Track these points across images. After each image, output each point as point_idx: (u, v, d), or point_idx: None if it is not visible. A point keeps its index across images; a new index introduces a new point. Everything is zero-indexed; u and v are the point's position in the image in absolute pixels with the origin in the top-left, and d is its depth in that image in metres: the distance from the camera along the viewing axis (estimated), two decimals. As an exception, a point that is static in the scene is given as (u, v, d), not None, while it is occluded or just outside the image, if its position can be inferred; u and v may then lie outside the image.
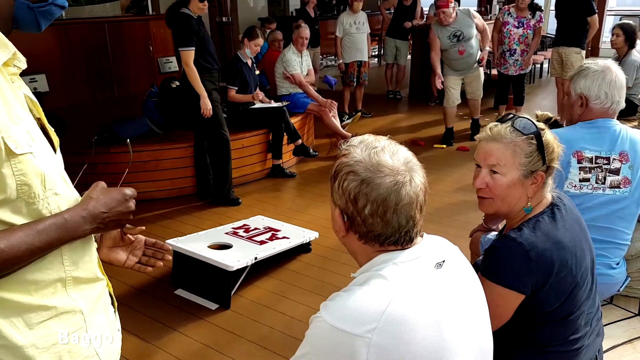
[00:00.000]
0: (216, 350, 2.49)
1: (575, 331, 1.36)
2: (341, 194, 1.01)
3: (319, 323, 0.95)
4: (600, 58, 11.82)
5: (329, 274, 3.15)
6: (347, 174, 1.00)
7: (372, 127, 6.35)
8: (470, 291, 1.08)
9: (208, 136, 4.13)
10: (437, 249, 1.06)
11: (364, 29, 6.53)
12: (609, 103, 2.00)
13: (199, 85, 3.84)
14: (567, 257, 1.29)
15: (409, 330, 0.91)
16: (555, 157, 1.36)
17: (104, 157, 4.23)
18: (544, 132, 1.35)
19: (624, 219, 2.00)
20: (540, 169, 1.33)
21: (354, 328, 0.90)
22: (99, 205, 0.97)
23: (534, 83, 8.82)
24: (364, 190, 0.98)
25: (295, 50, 5.47)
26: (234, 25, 9.28)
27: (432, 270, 1.01)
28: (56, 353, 0.95)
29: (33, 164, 0.89)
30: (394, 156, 1.01)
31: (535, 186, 1.34)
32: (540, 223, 1.30)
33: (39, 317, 0.93)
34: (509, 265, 1.26)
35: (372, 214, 0.98)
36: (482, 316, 1.09)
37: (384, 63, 8.09)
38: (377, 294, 0.94)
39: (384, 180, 0.97)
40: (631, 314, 2.13)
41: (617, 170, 1.98)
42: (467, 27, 5.23)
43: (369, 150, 1.02)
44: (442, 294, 0.99)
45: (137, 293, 2.99)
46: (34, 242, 0.87)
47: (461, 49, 5.28)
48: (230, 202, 4.21)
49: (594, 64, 2.06)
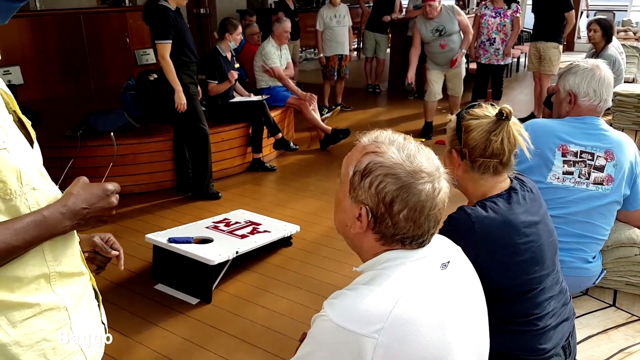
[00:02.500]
0: (197, 344, 2.48)
1: (536, 310, 1.40)
2: (373, 194, 0.99)
3: (325, 322, 0.93)
4: (576, 53, 11.99)
5: (310, 267, 3.16)
6: (385, 175, 0.98)
7: (352, 121, 6.36)
8: (472, 292, 1.09)
9: (186, 130, 4.09)
10: (442, 249, 1.07)
11: (345, 22, 6.52)
12: (597, 100, 2.02)
13: (174, 79, 3.80)
14: (514, 236, 1.35)
15: (414, 331, 0.91)
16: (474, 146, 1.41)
17: (82, 151, 4.15)
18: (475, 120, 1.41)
19: (603, 215, 2.03)
20: (456, 147, 1.45)
21: (361, 328, 0.89)
22: (79, 201, 0.96)
23: (511, 77, 8.94)
24: (403, 195, 0.97)
25: (275, 43, 5.44)
26: (212, 17, 9.18)
27: (438, 271, 1.01)
28: (40, 350, 0.94)
29: (7, 160, 0.88)
30: (429, 160, 1.01)
31: (457, 164, 1.46)
32: (494, 204, 1.39)
33: (22, 314, 0.92)
34: (455, 234, 1.31)
35: (407, 219, 0.98)
36: (482, 317, 1.10)
37: (364, 57, 8.10)
38: (384, 294, 0.93)
39: (424, 187, 0.97)
40: (606, 305, 2.17)
41: (602, 168, 2.01)
42: (449, 23, 5.33)
43: (406, 151, 1.00)
44: (446, 294, 1.00)
45: (116, 288, 2.95)
46: (11, 241, 0.86)
47: (442, 43, 5.38)
48: (210, 196, 4.18)
49: (584, 62, 2.09)
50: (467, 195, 1.52)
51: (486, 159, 1.41)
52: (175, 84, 3.80)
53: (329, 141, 5.36)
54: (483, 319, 1.11)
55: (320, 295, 2.85)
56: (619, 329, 2.02)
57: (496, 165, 1.43)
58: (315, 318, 0.96)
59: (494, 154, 1.40)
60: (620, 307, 2.16)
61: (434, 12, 5.26)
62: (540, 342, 1.40)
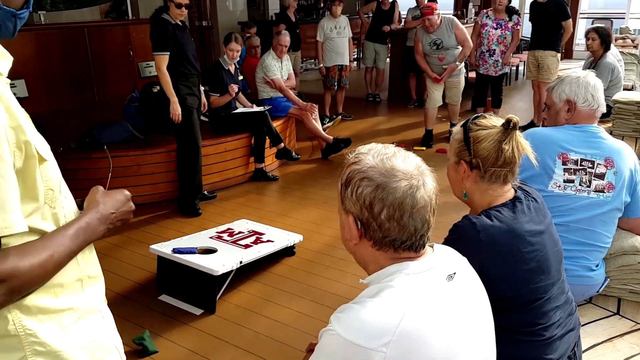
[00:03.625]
0: (202, 355, 2.48)
1: (542, 320, 1.41)
2: (355, 201, 1.01)
3: (332, 337, 0.93)
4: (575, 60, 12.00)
5: (313, 277, 3.17)
6: (361, 180, 1.01)
7: (353, 130, 6.39)
8: (478, 304, 1.09)
9: (178, 141, 4.08)
10: (448, 261, 1.07)
11: (345, 33, 6.57)
12: (595, 105, 2.08)
13: (169, 90, 3.82)
14: (519, 246, 1.36)
15: (422, 344, 0.92)
16: (485, 156, 1.42)
17: (85, 163, 4.18)
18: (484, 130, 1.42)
19: (605, 223, 2.05)
20: (465, 158, 1.44)
21: (369, 342, 0.90)
22: (108, 206, 1.02)
23: (510, 85, 8.98)
24: (379, 195, 0.99)
25: (275, 55, 5.49)
26: (214, 29, 9.25)
27: (444, 282, 1.02)
28: (90, 352, 0.99)
29: (52, 169, 0.94)
30: (406, 161, 1.03)
31: (466, 175, 1.45)
32: (499, 213, 1.39)
33: (70, 318, 0.96)
34: (460, 242, 1.33)
35: (389, 219, 0.99)
36: (488, 329, 1.10)
37: (364, 66, 8.15)
38: (391, 307, 0.93)
39: (399, 184, 0.99)
40: (610, 313, 2.18)
41: (602, 175, 2.03)
42: (446, 38, 5.35)
43: (380, 156, 1.03)
44: (453, 306, 1.00)
45: (121, 299, 2.96)
46: (71, 246, 0.92)
47: (441, 56, 5.42)
48: (192, 211, 4.11)
49: (573, 73, 2.15)
50: (472, 206, 1.53)
51: (497, 169, 1.42)
52: (170, 94, 3.83)
53: (330, 150, 5.39)
54: (489, 331, 1.11)
55: (324, 305, 2.85)
56: (623, 337, 2.02)
57: (506, 174, 1.44)
58: (322, 332, 0.97)
59: (506, 162, 1.42)
60: (625, 315, 2.16)
61: (433, 27, 5.28)
62: (546, 352, 1.40)
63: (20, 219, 0.83)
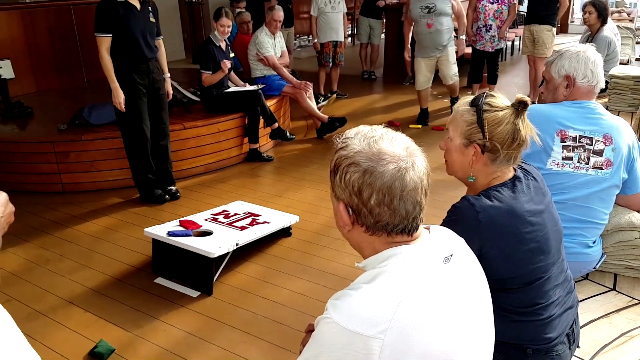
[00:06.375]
0: (199, 337, 2.48)
1: (542, 300, 1.40)
2: (344, 187, 1.00)
3: (329, 324, 0.92)
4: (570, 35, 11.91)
5: (310, 257, 3.16)
6: (348, 166, 0.99)
7: (348, 109, 6.34)
8: (476, 285, 1.08)
9: (122, 132, 3.83)
10: (444, 242, 1.06)
11: (340, 8, 6.45)
12: (594, 81, 2.04)
13: (110, 77, 3.59)
14: (519, 226, 1.34)
15: (419, 328, 0.91)
16: (503, 138, 1.38)
17: (75, 145, 4.12)
18: (500, 112, 1.38)
19: (603, 200, 2.04)
20: (478, 141, 1.39)
21: (366, 330, 0.89)
22: None
23: (505, 61, 8.91)
24: (367, 180, 0.97)
25: (268, 32, 5.39)
26: (204, 5, 9.08)
27: (441, 265, 1.00)
28: None
29: None
30: (394, 143, 1.01)
31: (476, 158, 1.41)
32: (498, 193, 1.37)
33: None
34: (459, 224, 1.32)
35: (379, 204, 0.97)
36: (487, 310, 1.09)
37: (358, 43, 8.05)
38: (388, 293, 0.92)
39: (387, 168, 0.97)
40: (607, 289, 2.19)
41: (601, 152, 2.01)
42: (440, 2, 5.23)
43: (367, 140, 1.00)
44: (450, 289, 0.99)
45: (116, 283, 2.95)
46: None
47: (429, 22, 5.24)
48: (153, 199, 3.93)
49: (573, 47, 2.10)
50: (473, 187, 1.50)
51: (512, 150, 1.39)
52: (110, 80, 3.60)
53: (325, 130, 5.33)
54: (488, 311, 1.10)
55: (321, 285, 2.85)
56: (620, 313, 2.03)
57: (517, 155, 1.42)
58: (319, 320, 0.95)
59: (519, 144, 1.39)
60: (621, 290, 2.18)
61: None
62: (546, 331, 1.40)
63: None
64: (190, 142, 4.46)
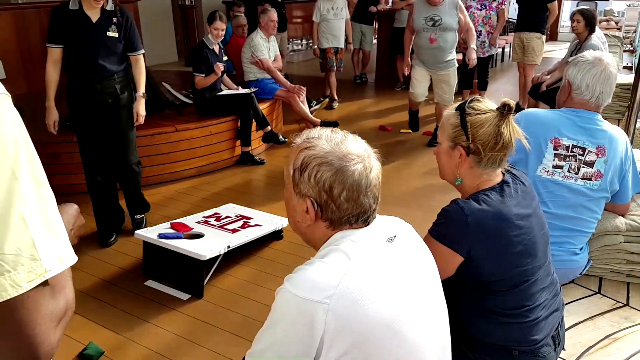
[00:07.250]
0: (190, 340, 2.48)
1: (528, 302, 1.43)
2: (313, 185, 1.09)
3: (284, 293, 1.01)
4: (559, 42, 11.99)
5: (301, 260, 3.13)
6: (320, 165, 1.08)
7: (340, 113, 6.36)
8: (421, 263, 1.17)
9: None
10: (388, 226, 1.17)
11: (342, 14, 6.46)
12: (588, 96, 2.01)
13: (47, 94, 3.18)
14: (506, 229, 1.38)
15: (363, 296, 0.99)
16: (485, 140, 1.41)
17: (67, 147, 4.11)
18: (483, 115, 1.42)
19: (591, 210, 2.06)
20: (462, 143, 1.44)
21: (313, 295, 0.97)
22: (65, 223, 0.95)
23: (495, 67, 8.99)
24: (339, 178, 1.07)
25: (263, 35, 5.41)
26: (198, 9, 9.08)
27: (384, 244, 1.10)
28: None
29: None
30: (356, 144, 1.12)
31: (461, 160, 1.45)
32: (487, 197, 1.41)
33: None
34: (449, 227, 1.39)
35: (348, 200, 1.08)
36: (435, 288, 1.18)
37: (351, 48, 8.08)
38: (335, 265, 1.02)
39: (356, 167, 1.08)
40: (592, 292, 2.23)
41: (592, 163, 2.01)
42: (447, 16, 4.73)
43: (334, 141, 1.11)
44: (393, 264, 1.09)
45: (106, 285, 2.94)
46: None
47: (433, 37, 4.76)
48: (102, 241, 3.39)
49: (589, 54, 2.06)
50: (462, 190, 1.53)
51: (495, 153, 1.42)
52: (46, 98, 3.20)
53: (317, 133, 5.34)
54: (437, 290, 1.18)
55: (312, 288, 2.86)
56: (604, 316, 2.07)
57: (502, 158, 1.45)
58: (277, 291, 1.04)
59: (504, 146, 1.42)
60: (606, 294, 2.21)
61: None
62: (532, 333, 1.43)
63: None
64: (182, 145, 4.47)
